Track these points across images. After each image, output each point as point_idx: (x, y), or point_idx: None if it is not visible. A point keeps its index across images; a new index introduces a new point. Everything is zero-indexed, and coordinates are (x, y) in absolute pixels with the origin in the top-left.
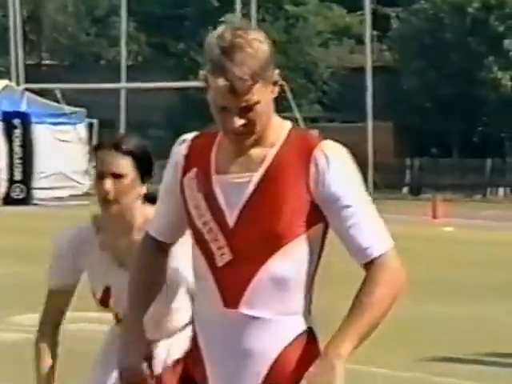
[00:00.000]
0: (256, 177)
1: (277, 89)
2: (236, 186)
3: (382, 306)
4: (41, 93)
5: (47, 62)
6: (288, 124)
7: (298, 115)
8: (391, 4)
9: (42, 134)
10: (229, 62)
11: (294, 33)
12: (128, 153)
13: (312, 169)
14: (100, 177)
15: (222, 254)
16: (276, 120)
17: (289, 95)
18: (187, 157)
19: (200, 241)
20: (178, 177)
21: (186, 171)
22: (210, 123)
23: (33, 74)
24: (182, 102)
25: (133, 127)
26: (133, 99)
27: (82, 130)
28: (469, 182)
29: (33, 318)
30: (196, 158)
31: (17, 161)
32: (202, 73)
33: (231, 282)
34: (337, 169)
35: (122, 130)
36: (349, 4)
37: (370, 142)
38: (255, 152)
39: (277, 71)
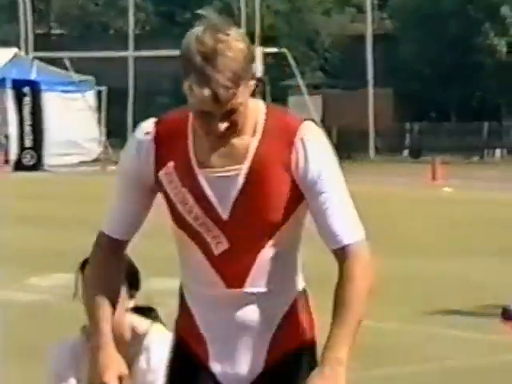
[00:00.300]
0: (244, 170)
1: (254, 81)
2: (224, 180)
3: (362, 301)
4: (50, 62)
5: (56, 31)
6: (262, 106)
7: (300, 82)
8: None
9: (51, 101)
10: (212, 69)
11: (297, 2)
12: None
13: (293, 156)
14: None
15: (218, 243)
16: (251, 105)
17: (292, 63)
18: (157, 146)
19: (191, 233)
20: (148, 169)
21: (160, 163)
22: None
23: (42, 43)
24: None
25: (140, 95)
26: (140, 68)
27: (90, 97)
28: (466, 144)
29: (45, 280)
30: (169, 148)
31: (27, 128)
32: (186, 83)
33: (231, 268)
34: (314, 155)
35: (131, 97)
36: None
37: (371, 108)
38: (236, 143)
39: (254, 65)
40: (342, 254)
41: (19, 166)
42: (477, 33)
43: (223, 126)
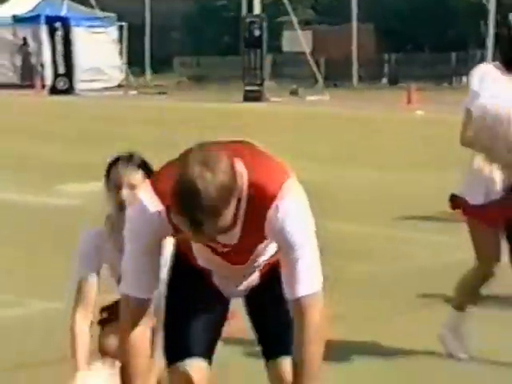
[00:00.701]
0: (237, 229)
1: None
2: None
3: (316, 364)
4: (78, 1)
5: None
6: (244, 175)
7: (293, 19)
8: None
9: (79, 35)
10: (201, 217)
11: None
12: (139, 166)
13: (267, 222)
14: (118, 188)
15: (224, 247)
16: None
17: (285, 1)
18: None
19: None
20: (165, 231)
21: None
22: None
23: None
24: (199, 8)
25: (156, 30)
26: (156, 6)
27: (113, 31)
28: (438, 72)
29: (76, 187)
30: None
31: (59, 58)
32: (186, 230)
33: (235, 258)
34: (290, 218)
35: (148, 32)
36: None
37: (355, 41)
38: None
39: (240, 175)
40: (298, 304)
41: (54, 90)
42: None
43: (221, 238)
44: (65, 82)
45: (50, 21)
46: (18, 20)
